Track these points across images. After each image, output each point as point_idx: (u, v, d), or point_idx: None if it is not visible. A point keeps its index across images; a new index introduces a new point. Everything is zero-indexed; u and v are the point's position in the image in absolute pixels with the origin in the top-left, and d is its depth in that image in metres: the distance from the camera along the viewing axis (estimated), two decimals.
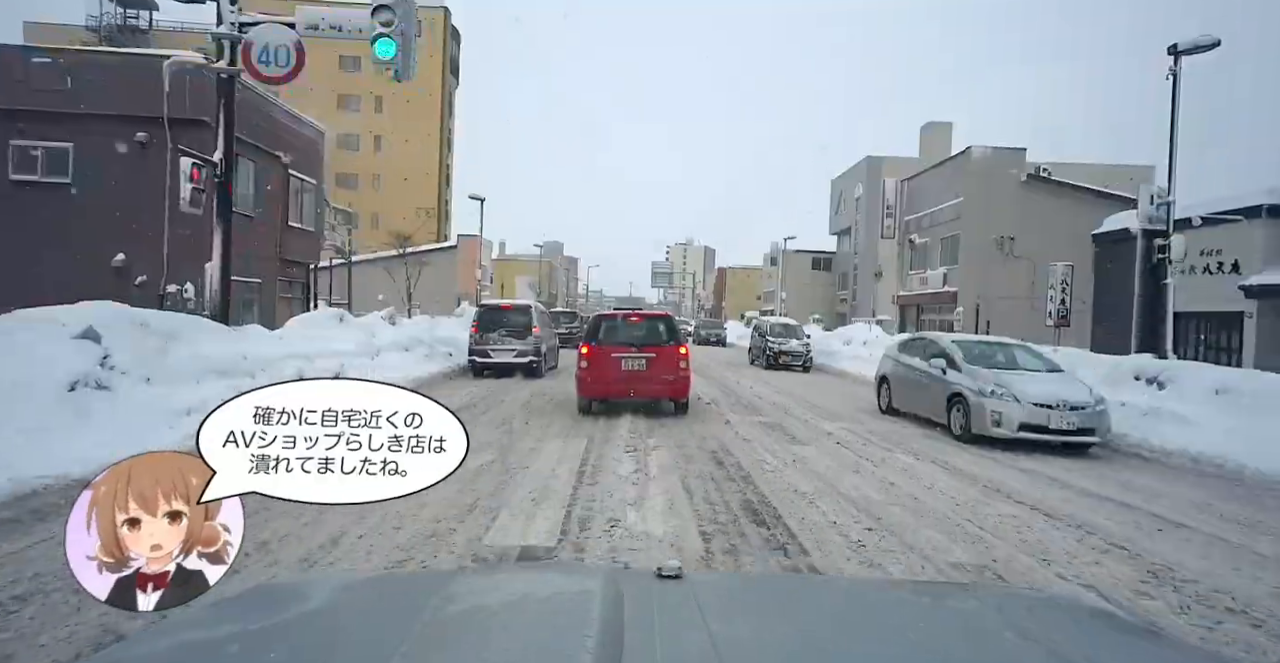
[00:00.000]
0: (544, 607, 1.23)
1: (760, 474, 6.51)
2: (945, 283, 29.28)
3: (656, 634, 1.04)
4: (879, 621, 1.26)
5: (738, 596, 1.40)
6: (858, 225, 52.06)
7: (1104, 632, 1.27)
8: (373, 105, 53.03)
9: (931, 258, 31.76)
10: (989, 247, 27.50)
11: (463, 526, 4.72)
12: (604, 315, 11.43)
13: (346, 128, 54.27)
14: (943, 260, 30.51)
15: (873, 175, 49.95)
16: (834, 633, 1.20)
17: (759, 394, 13.70)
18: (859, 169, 52.22)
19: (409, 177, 55.28)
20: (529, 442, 7.85)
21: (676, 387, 10.04)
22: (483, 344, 15.97)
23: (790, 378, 18.02)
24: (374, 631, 1.12)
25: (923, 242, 32.59)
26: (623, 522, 4.90)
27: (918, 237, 31.78)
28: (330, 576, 2.82)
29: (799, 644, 1.11)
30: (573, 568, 2.52)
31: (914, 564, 4.24)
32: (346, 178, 54.14)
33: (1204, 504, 6.18)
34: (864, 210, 49.96)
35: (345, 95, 52.77)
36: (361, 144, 55.11)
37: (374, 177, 54.14)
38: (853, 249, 53.09)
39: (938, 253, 31.33)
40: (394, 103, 52.65)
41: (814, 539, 4.63)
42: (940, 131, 46.16)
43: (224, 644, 1.13)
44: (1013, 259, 26.71)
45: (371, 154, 53.28)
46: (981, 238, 27.90)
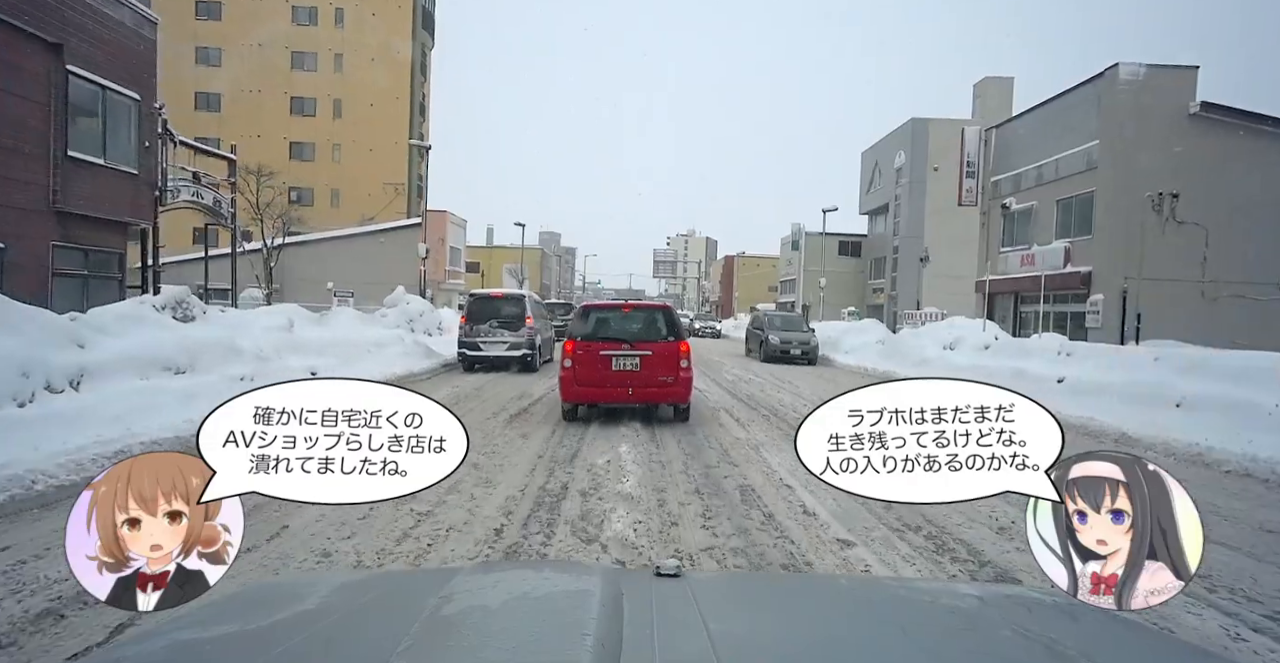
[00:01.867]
0: (543, 606, 1.24)
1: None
2: (1068, 261, 23.14)
3: (655, 633, 1.07)
4: (878, 619, 1.28)
5: (736, 594, 1.44)
6: (898, 201, 42.84)
7: (1104, 632, 1.27)
8: (331, 63, 49.67)
9: (1039, 228, 24.96)
10: (1138, 208, 20.55)
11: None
12: (592, 306, 10.40)
13: (300, 90, 49.53)
14: (1063, 230, 23.91)
15: (918, 140, 41.06)
16: (832, 632, 1.23)
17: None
18: (900, 134, 43.09)
19: (375, 147, 45.89)
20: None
21: (676, 390, 9.01)
22: (473, 336, 15.37)
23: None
24: (373, 629, 1.14)
25: (1024, 207, 25.75)
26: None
27: (1015, 201, 22.52)
28: (329, 574, 2.76)
29: (797, 643, 1.14)
30: (571, 567, 2.27)
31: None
32: (301, 147, 49.00)
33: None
34: (908, 182, 40.50)
35: (299, 52, 47.98)
36: (319, 108, 49.86)
37: (332, 146, 45.93)
38: (891, 229, 43.59)
39: (1052, 220, 24.42)
40: (356, 62, 48.32)
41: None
42: (999, 88, 40.70)
43: (223, 642, 1.16)
44: (1174, 226, 20.12)
45: (329, 120, 45.47)
46: (1128, 196, 20.85)
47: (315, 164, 47.82)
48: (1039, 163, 24.22)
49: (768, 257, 78.20)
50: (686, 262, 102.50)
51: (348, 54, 47.50)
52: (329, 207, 49.14)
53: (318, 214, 48.82)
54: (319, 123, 47.76)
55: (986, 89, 42.60)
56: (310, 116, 47.82)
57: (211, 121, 48.48)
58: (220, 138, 50.51)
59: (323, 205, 49.44)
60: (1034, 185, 24.41)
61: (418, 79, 49.77)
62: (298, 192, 50.94)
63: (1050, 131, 23.93)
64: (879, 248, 49.18)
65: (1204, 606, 3.68)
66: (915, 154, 42.38)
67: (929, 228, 44.06)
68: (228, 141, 50.41)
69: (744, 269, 75.47)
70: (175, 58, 47.84)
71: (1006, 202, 25.06)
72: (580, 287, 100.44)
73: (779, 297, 63.86)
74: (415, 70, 48.36)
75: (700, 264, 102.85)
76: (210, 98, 47.80)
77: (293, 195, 50.81)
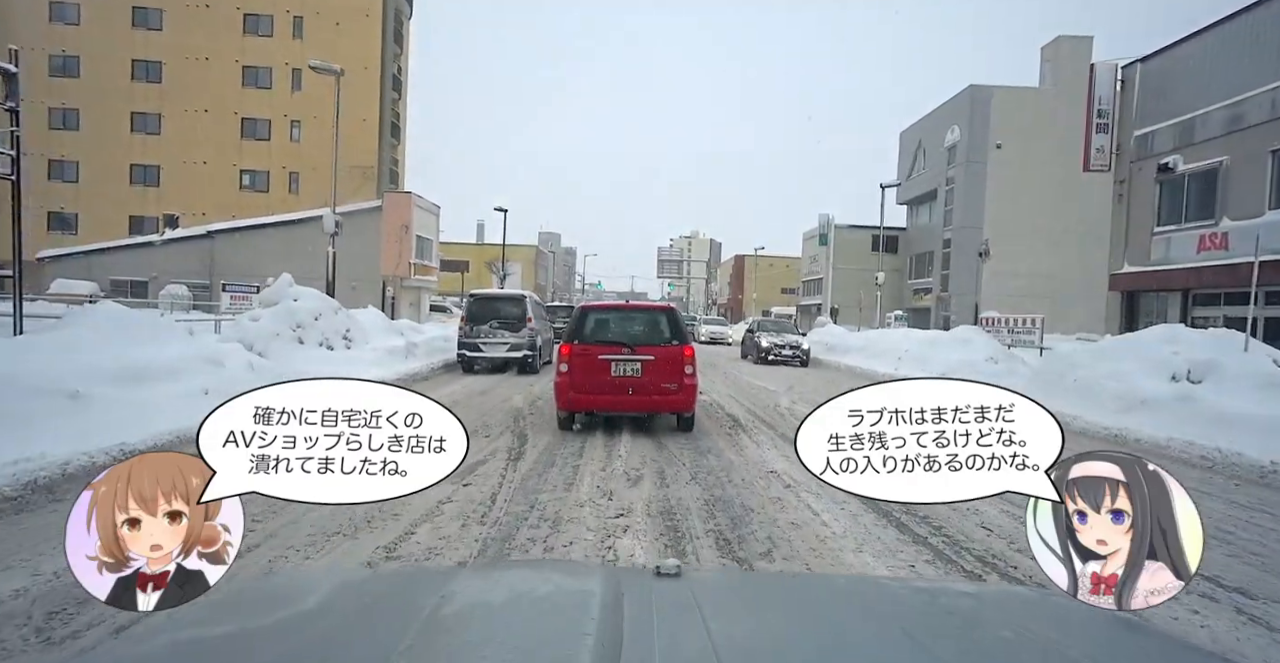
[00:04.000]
0: (543, 605, 1.27)
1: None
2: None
3: (655, 633, 1.09)
4: (878, 619, 1.30)
5: (736, 594, 1.45)
6: (952, 184, 34.70)
7: (1104, 631, 1.31)
8: (289, 27, 42.95)
9: (1237, 194, 17.46)
10: None
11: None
12: (590, 307, 9.75)
13: (254, 57, 42.76)
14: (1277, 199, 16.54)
15: (978, 111, 33.24)
16: (832, 631, 1.25)
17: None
18: (955, 106, 35.76)
19: (340, 124, 37.93)
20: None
21: (680, 398, 8.67)
22: (473, 337, 15.44)
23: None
24: (374, 628, 1.16)
25: (1201, 166, 18.39)
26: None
27: (1181, 159, 14.54)
28: (330, 572, 2.87)
29: (797, 643, 1.16)
30: (572, 567, 2.29)
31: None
32: (255, 124, 42.49)
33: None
34: (964, 162, 32.69)
35: (252, 14, 41.87)
36: (274, 79, 43.30)
37: (289, 123, 44.56)
38: (942, 219, 35.66)
39: (1263, 182, 16.61)
40: (318, 24, 41.92)
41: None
42: (1075, 50, 34.49)
43: (223, 642, 1.18)
44: None
45: (286, 93, 44.75)
46: None
47: (271, 144, 41.72)
48: (1231, 100, 16.52)
49: (781, 256, 70.88)
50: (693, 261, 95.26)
51: (309, 17, 40.97)
52: (286, 193, 42.11)
53: (274, 201, 41.52)
54: (275, 96, 41.21)
55: (1059, 51, 35.72)
56: (265, 89, 41.01)
57: (150, 93, 41.61)
58: (162, 113, 42.99)
59: (279, 191, 42.54)
60: (1221, 134, 17.14)
61: (391, 49, 42.61)
62: (250, 175, 43.56)
63: (1245, 56, 16.29)
64: (921, 242, 41.94)
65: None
66: (974, 128, 35.25)
67: (989, 216, 36.52)
68: (170, 117, 42.77)
69: (756, 270, 68.07)
70: (108, 19, 40.35)
71: (1168, 161, 17.69)
72: (580, 289, 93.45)
73: (800, 299, 56.51)
74: (388, 38, 41.44)
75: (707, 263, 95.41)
76: (149, 66, 41.18)
77: (244, 179, 43.48)
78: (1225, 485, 7.03)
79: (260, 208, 39.52)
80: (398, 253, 30.66)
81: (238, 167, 42.17)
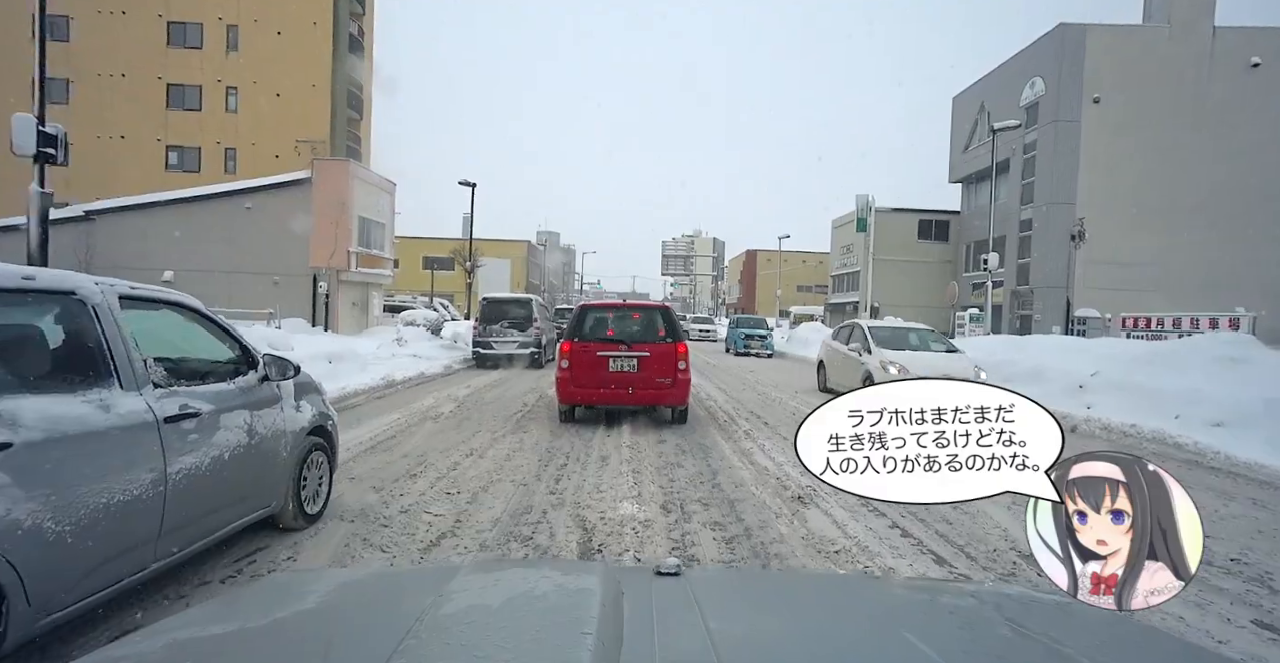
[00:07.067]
0: (543, 604, 1.26)
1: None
2: None
3: (655, 631, 1.09)
4: (877, 618, 1.32)
5: (735, 592, 1.47)
6: (1031, 151, 26.10)
7: (1103, 631, 1.31)
8: None
9: None
10: None
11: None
12: (589, 306, 10.39)
13: (180, 12, 34.73)
14: None
15: (1069, 57, 24.24)
16: (832, 630, 1.26)
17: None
18: (1037, 52, 27.29)
19: (283, 91, 28.98)
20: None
21: (674, 392, 9.39)
22: (486, 336, 17.97)
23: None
24: (374, 627, 1.16)
25: None
26: None
27: None
28: (329, 573, 2.68)
29: (797, 641, 1.16)
30: (571, 565, 2.34)
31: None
32: (182, 91, 34.54)
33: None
34: (1049, 120, 24.03)
35: None
36: (206, 38, 35.18)
37: (224, 90, 36.40)
38: (1019, 197, 26.83)
39: None
40: None
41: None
42: None
43: (223, 642, 1.19)
44: None
45: (220, 54, 36.10)
46: None
47: (202, 115, 34.44)
48: None
49: (797, 252, 62.99)
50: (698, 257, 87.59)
51: None
52: (222, 172, 34.07)
53: (206, 182, 33.10)
54: (207, 58, 34.04)
55: None
56: (194, 49, 33.35)
57: (57, 54, 33.13)
58: (69, 79, 34.72)
59: (213, 171, 34.61)
60: None
61: (348, 5, 34.69)
62: (177, 152, 35.38)
63: None
64: (981, 227, 33.47)
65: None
66: (1063, 80, 27.32)
67: (1083, 189, 28.46)
68: (80, 82, 35.03)
69: (770, 266, 60.26)
70: None
71: None
72: (579, 290, 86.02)
73: (831, 297, 48.39)
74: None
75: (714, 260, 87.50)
76: (55, 22, 32.55)
77: (171, 157, 35.29)
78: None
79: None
80: (332, 238, 23.22)
81: (163, 142, 35.66)
